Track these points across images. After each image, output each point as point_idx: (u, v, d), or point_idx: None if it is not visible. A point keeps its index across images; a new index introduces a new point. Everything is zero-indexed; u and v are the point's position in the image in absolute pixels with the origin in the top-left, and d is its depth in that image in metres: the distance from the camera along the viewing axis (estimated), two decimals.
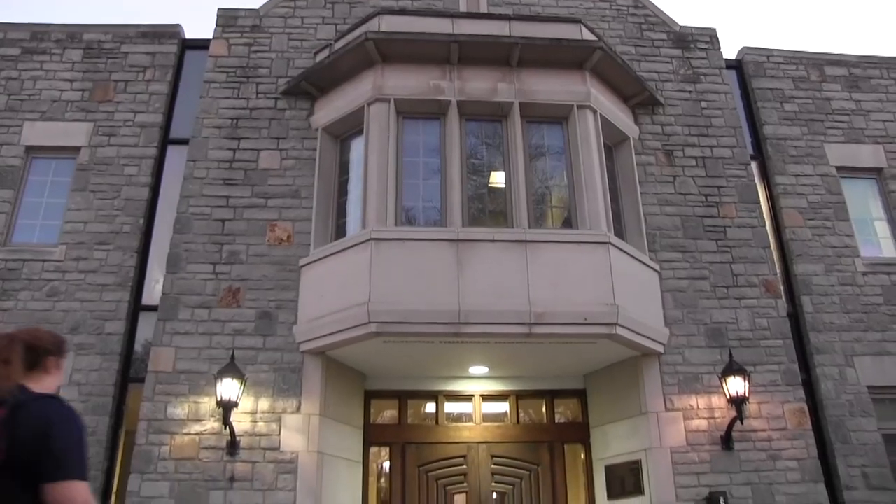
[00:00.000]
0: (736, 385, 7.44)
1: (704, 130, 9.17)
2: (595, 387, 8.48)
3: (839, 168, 9.67)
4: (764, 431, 7.80)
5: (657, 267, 8.26)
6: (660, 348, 7.87)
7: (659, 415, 7.70)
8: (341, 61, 8.38)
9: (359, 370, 8.14)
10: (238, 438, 7.25)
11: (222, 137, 8.63)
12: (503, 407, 8.57)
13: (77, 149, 9.01)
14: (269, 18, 9.42)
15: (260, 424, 7.37)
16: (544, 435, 8.45)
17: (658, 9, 10.07)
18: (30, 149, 9.06)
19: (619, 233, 8.21)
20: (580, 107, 8.27)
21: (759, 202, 8.99)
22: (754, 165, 9.47)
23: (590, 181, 7.92)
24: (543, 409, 8.63)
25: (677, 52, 9.71)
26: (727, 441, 7.63)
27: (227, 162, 8.50)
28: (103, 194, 8.77)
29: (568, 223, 7.97)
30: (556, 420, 8.60)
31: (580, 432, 8.45)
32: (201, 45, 9.69)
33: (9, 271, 8.33)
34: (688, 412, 7.76)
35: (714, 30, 9.98)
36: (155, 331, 7.77)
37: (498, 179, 8.15)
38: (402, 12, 8.83)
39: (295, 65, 9.08)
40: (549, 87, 8.34)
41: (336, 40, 8.83)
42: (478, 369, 8.21)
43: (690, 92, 9.42)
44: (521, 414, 8.56)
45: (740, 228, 8.69)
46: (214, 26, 9.36)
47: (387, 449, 8.22)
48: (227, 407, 7.07)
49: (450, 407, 8.51)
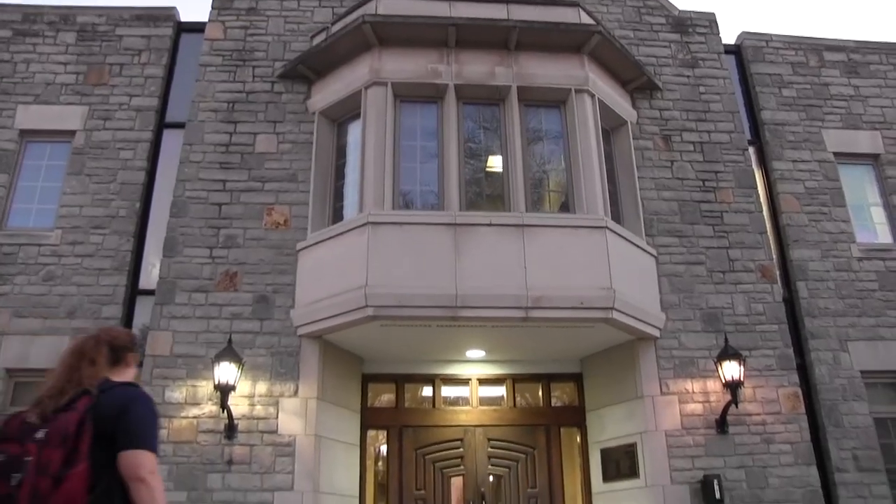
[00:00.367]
0: (731, 369, 7.48)
1: (702, 115, 9.16)
2: (591, 371, 8.52)
3: (836, 154, 9.67)
4: (758, 415, 7.85)
5: (654, 251, 8.28)
6: (656, 332, 7.90)
7: (654, 398, 7.74)
8: (338, 44, 8.33)
9: (356, 354, 8.17)
10: (236, 422, 7.27)
11: (218, 121, 8.59)
12: (500, 391, 8.61)
13: (72, 132, 8.96)
14: (266, 1, 9.33)
15: (258, 408, 7.39)
16: (541, 418, 8.50)
17: None
18: (24, 132, 8.99)
19: (617, 217, 8.21)
20: (578, 91, 8.25)
21: (757, 187, 8.99)
22: (752, 151, 9.45)
23: (587, 165, 7.91)
24: (540, 393, 8.68)
25: (676, 37, 9.67)
26: (722, 425, 7.69)
27: (224, 146, 8.46)
28: (99, 178, 8.73)
29: (565, 207, 7.97)
30: (553, 404, 8.65)
31: (576, 416, 8.50)
32: (197, 28, 9.61)
33: (4, 255, 8.31)
34: (683, 396, 7.81)
35: (713, 14, 9.94)
36: (152, 315, 7.76)
37: (495, 163, 8.13)
38: None
39: (291, 48, 9.02)
40: (547, 71, 8.31)
41: (333, 23, 8.77)
42: (475, 353, 8.24)
43: (689, 77, 9.40)
44: (518, 397, 8.61)
45: (737, 214, 8.70)
46: (210, 9, 9.27)
47: (384, 432, 8.27)
48: (225, 391, 7.09)
49: (447, 391, 8.55)
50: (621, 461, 7.87)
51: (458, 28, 8.12)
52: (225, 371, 7.09)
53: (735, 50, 10.37)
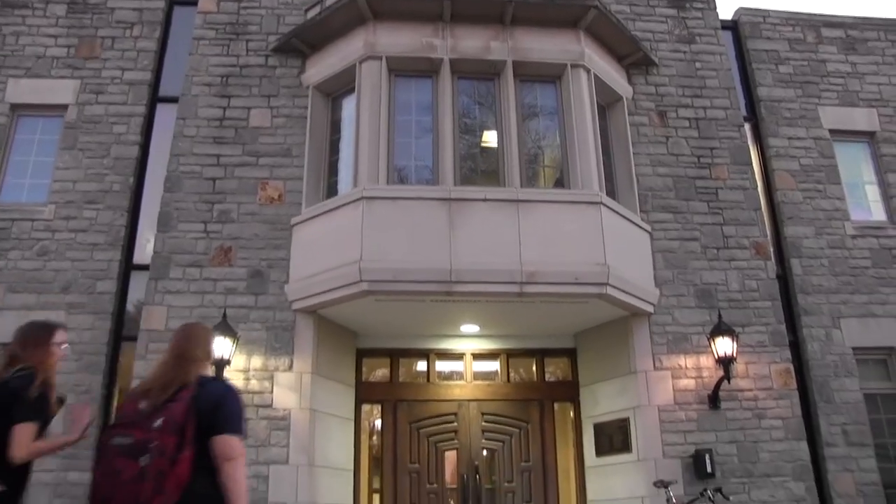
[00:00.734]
0: (724, 345, 7.53)
1: (698, 91, 9.12)
2: (585, 346, 8.56)
3: (832, 131, 9.65)
4: (750, 391, 7.92)
5: (648, 227, 8.28)
6: (650, 308, 7.93)
7: (648, 374, 7.79)
8: (332, 18, 8.25)
9: (351, 329, 8.19)
10: None
11: (212, 95, 8.53)
12: (494, 365, 8.66)
13: (64, 107, 8.88)
14: None
15: (252, 382, 7.42)
16: (534, 393, 8.55)
17: None
18: (15, 107, 8.91)
19: (611, 193, 8.20)
20: (574, 66, 8.19)
21: (752, 164, 8.99)
22: (747, 127, 9.43)
23: (582, 141, 7.89)
24: (534, 368, 8.72)
25: (672, 12, 9.60)
26: (714, 400, 7.75)
27: (218, 120, 8.41)
28: (92, 153, 8.68)
29: (560, 183, 7.96)
30: (547, 378, 8.69)
31: (570, 391, 8.55)
32: (190, 1, 9.46)
33: None
34: (676, 371, 7.86)
35: None
36: (146, 290, 7.76)
37: (490, 139, 8.10)
38: None
39: (285, 21, 8.93)
40: (543, 46, 8.25)
41: None
42: (469, 328, 8.27)
43: (685, 52, 9.34)
44: (512, 372, 8.65)
45: (732, 190, 8.70)
46: None
47: (378, 406, 8.32)
48: (220, 365, 7.10)
49: (441, 365, 8.59)
50: (614, 436, 7.94)
51: (454, 2, 8.04)
52: (220, 345, 7.10)
53: (732, 26, 10.30)
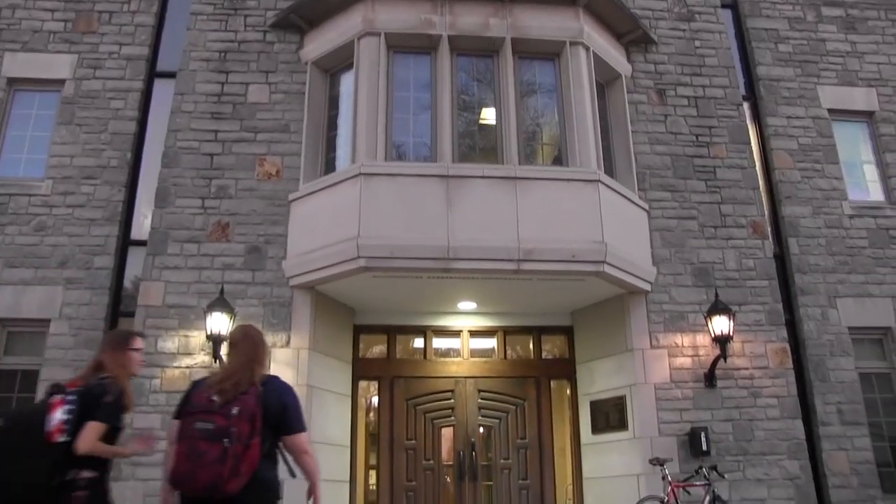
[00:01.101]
0: (721, 324, 7.55)
1: (697, 70, 9.08)
2: (582, 324, 8.59)
3: (831, 111, 9.61)
4: (746, 370, 7.96)
5: (646, 206, 8.28)
6: (647, 286, 7.95)
7: (644, 352, 7.83)
8: None
9: (348, 305, 8.21)
10: None
11: (210, 71, 8.48)
12: (491, 343, 8.69)
13: (61, 81, 8.84)
14: None
15: None
16: (531, 370, 8.59)
17: None
18: (11, 81, 8.87)
19: (609, 171, 8.20)
20: (573, 43, 8.16)
21: (750, 143, 8.98)
22: (746, 106, 9.41)
23: (581, 119, 7.87)
24: (530, 345, 8.75)
25: None
26: (710, 378, 7.79)
27: (216, 96, 8.38)
28: (89, 128, 8.65)
29: (558, 161, 7.95)
30: (543, 356, 8.73)
31: (566, 368, 8.59)
32: None
33: None
34: (673, 350, 7.89)
35: None
36: (144, 265, 7.77)
37: (488, 116, 8.08)
38: None
39: None
40: (542, 23, 8.20)
41: None
42: (466, 305, 8.29)
43: (684, 30, 9.29)
44: (509, 350, 8.68)
45: (730, 169, 8.69)
46: None
47: (375, 383, 8.35)
48: (217, 341, 7.13)
49: (438, 342, 8.62)
50: (610, 413, 7.98)
51: None
52: (217, 321, 7.13)
53: (732, 4, 10.21)
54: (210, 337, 7.14)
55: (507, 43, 8.06)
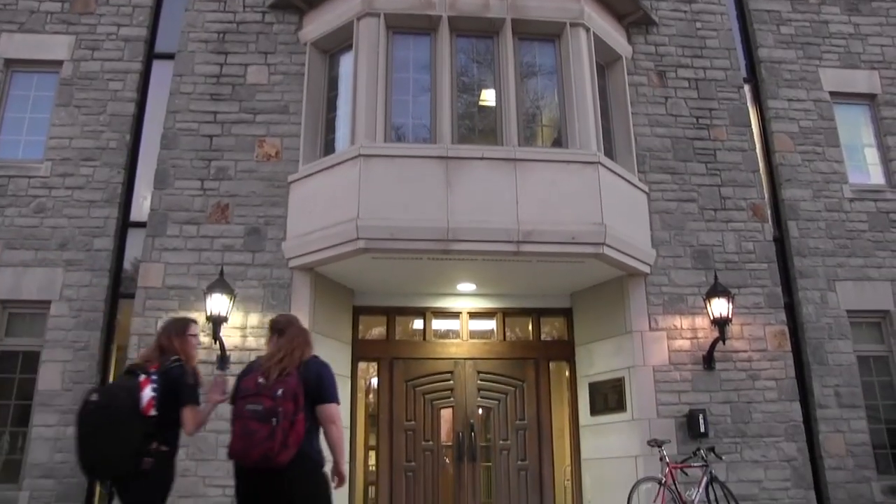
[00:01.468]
0: (720, 306, 7.57)
1: (698, 52, 9.04)
2: (581, 305, 8.60)
3: (833, 93, 9.55)
4: (745, 352, 7.98)
5: (646, 188, 8.27)
6: (646, 269, 7.96)
7: (643, 334, 7.85)
8: None
9: (347, 286, 8.22)
10: (228, 353, 7.36)
11: (209, 52, 8.45)
12: (490, 324, 8.71)
13: (59, 63, 8.79)
14: None
15: (250, 339, 7.47)
16: (530, 352, 8.62)
17: None
18: (9, 62, 8.83)
19: (609, 153, 8.18)
20: (573, 24, 8.10)
21: (751, 126, 8.95)
22: (747, 88, 9.36)
23: (581, 100, 7.84)
24: (530, 327, 8.78)
25: None
26: (709, 361, 7.81)
27: (215, 77, 8.35)
28: (88, 110, 8.62)
29: (558, 143, 7.92)
30: (542, 338, 8.75)
31: (565, 350, 8.62)
32: None
33: None
34: (671, 332, 7.91)
35: None
36: (144, 247, 7.78)
37: (488, 98, 8.05)
38: None
39: None
40: (542, 4, 8.13)
41: None
42: (465, 286, 8.30)
43: (685, 12, 9.23)
44: (508, 331, 8.71)
45: (730, 152, 8.67)
46: None
47: (375, 364, 8.38)
48: (217, 322, 7.15)
49: (437, 323, 8.64)
50: (609, 395, 8.01)
51: None
52: (217, 302, 7.15)
53: None
54: (210, 318, 7.15)
55: (507, 24, 8.01)
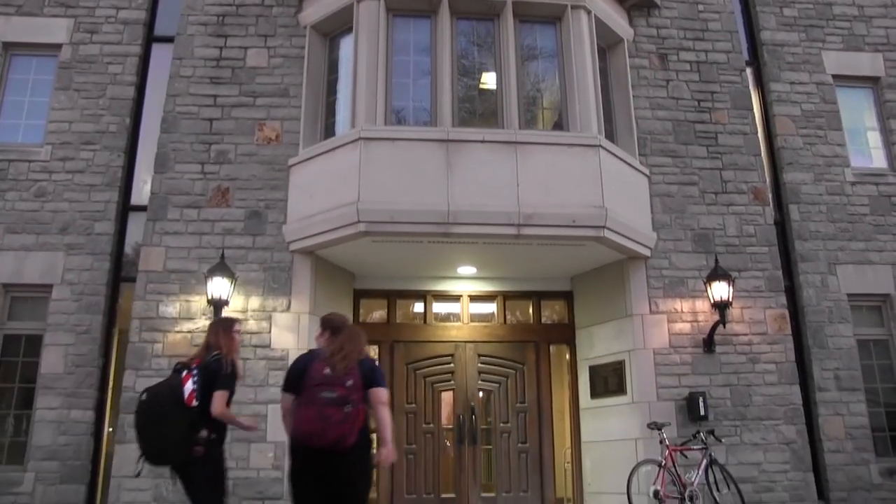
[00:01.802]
0: (720, 290, 7.58)
1: (700, 34, 8.98)
2: (582, 289, 8.61)
3: (836, 76, 9.51)
4: (745, 335, 8.00)
5: (647, 171, 8.26)
6: (647, 252, 7.96)
7: (644, 317, 7.86)
8: None
9: (348, 270, 8.23)
10: None
11: (208, 35, 8.41)
12: (490, 307, 8.72)
13: (58, 46, 8.76)
14: None
15: (251, 322, 7.49)
16: (530, 335, 8.64)
17: None
18: (7, 45, 8.80)
19: (610, 136, 8.16)
20: (574, 7, 8.05)
21: (752, 109, 8.91)
22: (749, 71, 9.32)
23: (582, 83, 7.80)
24: (530, 310, 8.79)
25: None
26: (709, 344, 7.83)
27: (214, 60, 8.32)
28: (87, 93, 8.60)
29: (559, 126, 7.90)
30: (543, 321, 8.78)
31: (566, 333, 8.64)
32: None
33: None
34: (672, 315, 7.93)
35: None
36: (144, 231, 7.79)
37: (489, 81, 8.02)
38: None
39: None
40: None
41: None
42: (466, 270, 8.31)
43: None
44: (508, 314, 8.72)
45: (732, 135, 8.65)
46: None
47: (376, 347, 8.38)
48: (218, 305, 7.17)
49: (438, 307, 8.66)
50: (609, 378, 8.04)
51: None
52: (218, 286, 7.16)
53: None
54: (211, 302, 7.17)
55: (508, 6, 7.96)
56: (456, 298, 8.65)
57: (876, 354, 8.69)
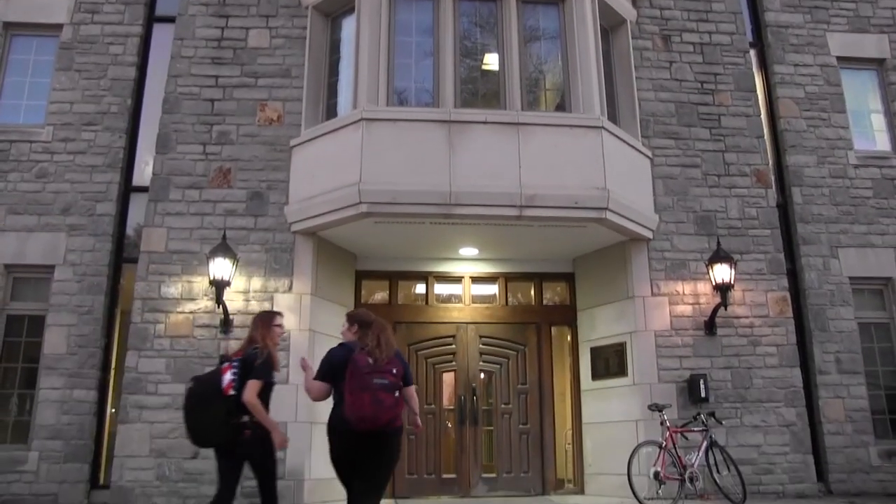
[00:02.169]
0: (722, 272, 7.58)
1: (704, 15, 8.93)
2: (583, 271, 8.61)
3: (840, 58, 9.43)
4: (746, 318, 8.01)
5: (649, 153, 8.24)
6: (649, 234, 7.95)
7: (645, 299, 7.87)
8: None
9: (350, 251, 8.24)
10: (231, 317, 7.41)
11: (209, 15, 8.38)
12: (492, 289, 8.73)
13: (59, 26, 8.72)
14: None
15: (252, 303, 7.51)
16: (532, 317, 8.66)
17: None
18: (8, 25, 8.76)
19: (613, 117, 8.13)
20: None
21: (756, 91, 8.87)
22: (753, 53, 9.26)
23: (584, 64, 7.76)
24: (532, 292, 8.80)
25: None
26: (710, 326, 7.85)
27: (216, 40, 8.29)
28: (89, 74, 8.56)
29: (561, 107, 7.87)
30: (544, 302, 8.78)
31: (567, 315, 8.65)
32: None
33: None
34: (673, 297, 7.94)
35: None
36: (146, 211, 7.79)
37: (491, 62, 7.99)
38: None
39: None
40: None
41: None
42: (468, 251, 8.31)
43: None
44: (510, 296, 8.73)
45: (735, 117, 8.62)
46: None
47: None
48: (220, 286, 7.18)
49: (440, 288, 8.67)
50: (610, 360, 8.06)
51: None
52: (220, 267, 7.17)
53: None
54: (213, 282, 7.18)
55: None
56: (458, 280, 8.67)
57: (877, 337, 8.69)
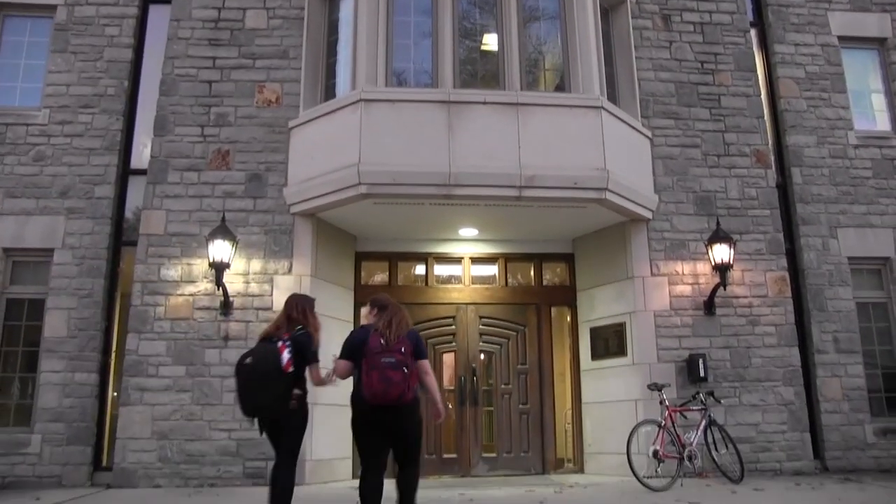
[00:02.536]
0: (721, 252, 7.59)
1: None
2: (583, 251, 8.62)
3: (841, 38, 9.38)
4: (745, 298, 8.03)
5: (649, 133, 8.22)
6: (648, 214, 7.95)
7: (645, 279, 7.89)
8: None
9: (350, 232, 8.24)
10: (231, 299, 7.41)
11: None
12: (492, 269, 8.74)
13: (53, 7, 8.64)
14: None
15: (252, 285, 7.52)
16: (532, 297, 8.67)
17: None
18: (2, 6, 8.68)
19: (613, 98, 8.10)
20: None
21: (756, 71, 8.84)
22: (753, 33, 9.21)
23: (584, 44, 7.72)
24: (531, 273, 8.81)
25: None
26: (709, 306, 7.87)
27: (213, 22, 8.23)
28: (84, 56, 8.49)
29: (561, 87, 7.84)
30: (544, 283, 8.80)
31: (567, 295, 8.67)
32: None
33: None
34: (673, 277, 7.95)
35: None
36: (145, 194, 7.77)
37: (490, 42, 7.94)
38: None
39: None
40: None
41: None
42: (467, 232, 8.31)
43: None
44: (510, 277, 8.74)
45: (735, 97, 8.59)
46: None
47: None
48: (220, 268, 7.18)
49: (439, 269, 8.68)
50: (610, 340, 8.09)
51: None
52: (219, 249, 7.17)
53: None
54: (212, 265, 7.18)
55: None
56: (457, 261, 8.67)
57: (875, 317, 8.72)
